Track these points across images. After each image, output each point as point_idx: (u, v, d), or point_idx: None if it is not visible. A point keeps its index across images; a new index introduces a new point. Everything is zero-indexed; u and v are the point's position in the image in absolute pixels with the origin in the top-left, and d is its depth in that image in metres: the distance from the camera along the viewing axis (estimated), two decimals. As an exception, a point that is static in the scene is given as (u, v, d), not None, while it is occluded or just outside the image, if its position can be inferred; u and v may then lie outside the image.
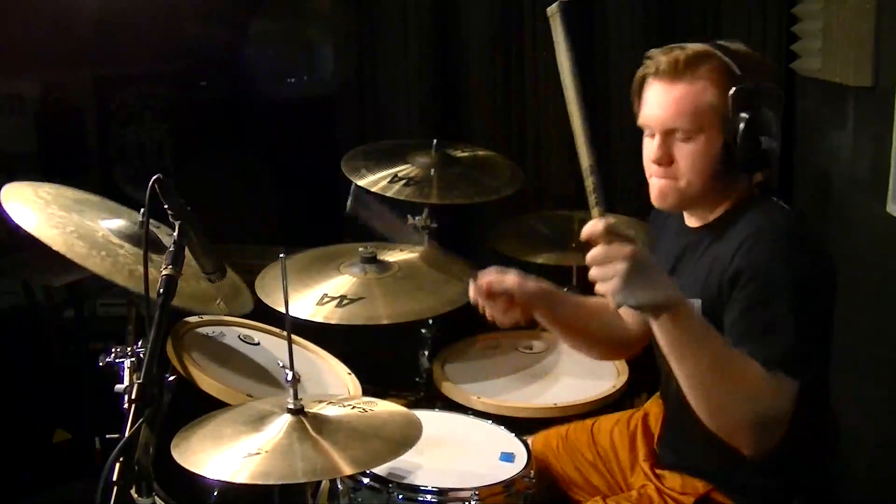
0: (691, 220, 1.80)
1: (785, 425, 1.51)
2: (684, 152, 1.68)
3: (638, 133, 1.78)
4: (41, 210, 1.90)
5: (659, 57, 1.69)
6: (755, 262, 1.59)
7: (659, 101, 1.69)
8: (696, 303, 1.68)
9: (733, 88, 1.63)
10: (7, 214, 1.84)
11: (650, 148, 1.72)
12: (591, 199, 1.45)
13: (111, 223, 1.97)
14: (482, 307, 1.88)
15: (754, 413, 1.49)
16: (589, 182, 1.47)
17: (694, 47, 1.68)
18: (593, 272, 1.42)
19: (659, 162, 1.70)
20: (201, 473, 1.57)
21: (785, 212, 1.68)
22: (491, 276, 1.87)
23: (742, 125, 1.62)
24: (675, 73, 1.66)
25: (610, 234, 1.41)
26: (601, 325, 1.99)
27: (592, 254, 1.42)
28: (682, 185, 1.70)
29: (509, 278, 1.87)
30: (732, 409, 1.49)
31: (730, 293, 1.61)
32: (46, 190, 2.00)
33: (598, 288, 1.43)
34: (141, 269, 1.59)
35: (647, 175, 1.75)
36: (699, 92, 1.64)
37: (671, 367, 1.52)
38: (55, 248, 1.78)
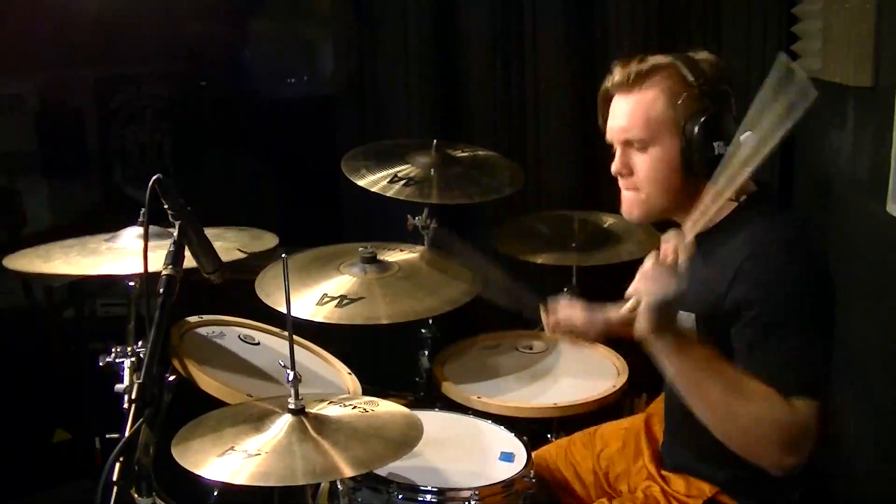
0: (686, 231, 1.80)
1: (811, 444, 1.51)
2: (641, 162, 1.71)
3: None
4: (43, 258, 1.97)
5: (617, 69, 1.72)
6: (757, 289, 1.59)
7: (615, 113, 1.73)
8: (690, 317, 1.69)
9: (683, 95, 1.64)
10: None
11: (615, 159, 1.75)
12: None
13: (113, 240, 2.00)
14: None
15: (772, 437, 1.50)
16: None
17: (653, 59, 1.70)
18: (648, 273, 1.50)
19: (619, 173, 1.74)
20: (200, 474, 1.57)
21: (778, 224, 1.67)
22: (561, 313, 1.89)
23: (694, 132, 1.63)
24: (629, 84, 1.69)
25: (686, 254, 1.49)
26: None
27: (661, 259, 1.50)
28: (643, 197, 1.73)
29: (576, 316, 1.87)
30: (750, 435, 1.51)
31: (734, 318, 1.61)
32: (45, 249, 2.05)
33: (636, 287, 1.50)
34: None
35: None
36: (651, 101, 1.67)
37: (682, 398, 1.55)
38: (59, 272, 1.83)
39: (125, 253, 1.97)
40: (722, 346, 1.66)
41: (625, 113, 1.70)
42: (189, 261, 1.64)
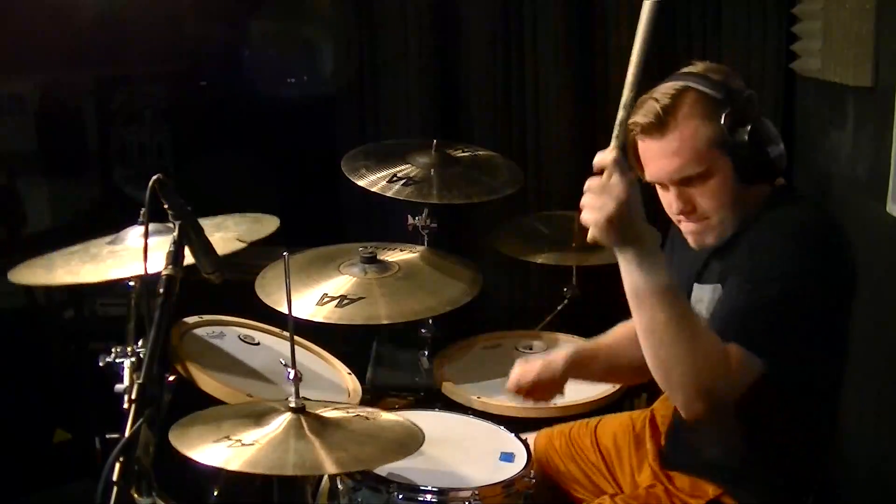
0: None
1: (725, 396, 1.53)
2: (705, 194, 1.67)
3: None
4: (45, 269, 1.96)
5: (638, 117, 1.66)
6: (754, 251, 1.60)
7: (660, 158, 1.67)
8: (716, 287, 1.69)
9: (723, 116, 1.61)
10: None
11: (668, 200, 1.71)
12: (617, 131, 1.48)
13: (116, 242, 1.98)
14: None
15: (697, 377, 1.50)
16: (621, 114, 1.49)
17: (665, 91, 1.65)
18: (586, 199, 1.49)
19: (683, 213, 1.70)
20: (194, 457, 1.57)
21: (795, 210, 1.67)
22: (518, 377, 1.99)
23: (744, 145, 1.61)
24: (661, 125, 1.64)
25: (617, 167, 1.46)
26: (623, 358, 2.00)
27: (592, 182, 1.48)
28: (715, 222, 1.69)
29: (532, 368, 1.98)
30: (678, 367, 1.51)
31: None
32: (47, 258, 2.03)
33: (583, 217, 1.49)
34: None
35: (675, 221, 1.75)
36: (693, 134, 1.62)
37: (631, 312, 1.55)
38: (63, 282, 1.82)
39: (128, 255, 1.95)
40: None
41: (671, 153, 1.64)
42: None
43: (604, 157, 1.47)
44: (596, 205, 1.47)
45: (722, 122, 1.61)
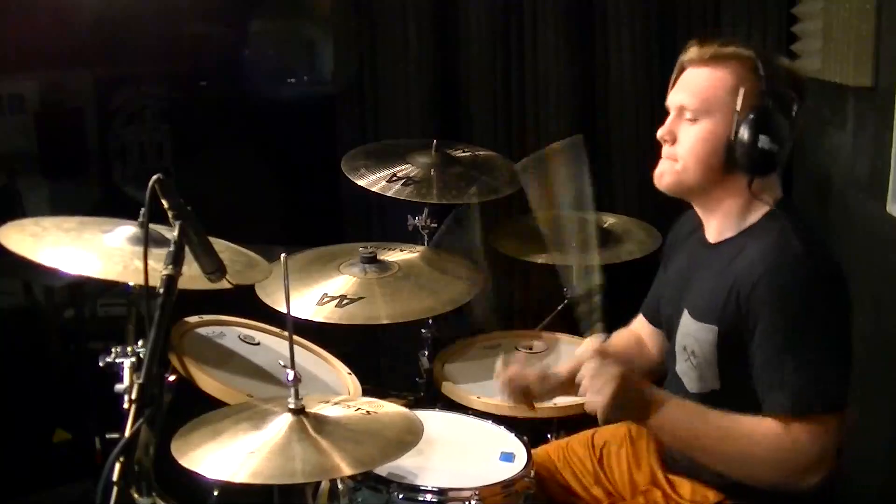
0: (710, 234, 1.80)
1: (827, 462, 1.57)
2: (688, 133, 1.72)
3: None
4: (39, 238, 1.92)
5: (694, 46, 1.74)
6: (775, 304, 1.59)
7: (681, 82, 1.75)
8: (713, 330, 1.69)
9: (748, 86, 1.66)
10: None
11: (665, 124, 1.77)
12: (595, 316, 1.73)
13: (111, 233, 1.96)
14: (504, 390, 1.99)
15: (774, 467, 1.57)
16: (595, 301, 1.74)
17: (734, 46, 1.72)
18: (585, 383, 1.62)
19: (663, 139, 1.75)
20: (198, 472, 1.57)
21: (797, 237, 1.65)
22: (515, 372, 1.98)
23: (744, 124, 1.64)
24: (703, 59, 1.72)
25: (605, 354, 1.63)
26: (633, 364, 1.99)
27: (588, 367, 1.61)
28: (678, 168, 1.73)
29: (531, 376, 1.97)
30: (751, 469, 1.60)
31: (752, 332, 1.63)
32: (45, 224, 2.00)
33: (587, 403, 1.62)
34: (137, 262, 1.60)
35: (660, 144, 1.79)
36: (717, 79, 1.69)
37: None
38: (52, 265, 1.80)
39: (114, 254, 1.92)
40: (744, 361, 1.66)
41: (689, 82, 1.73)
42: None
43: (591, 346, 1.66)
44: (596, 388, 1.60)
45: (742, 90, 1.65)
